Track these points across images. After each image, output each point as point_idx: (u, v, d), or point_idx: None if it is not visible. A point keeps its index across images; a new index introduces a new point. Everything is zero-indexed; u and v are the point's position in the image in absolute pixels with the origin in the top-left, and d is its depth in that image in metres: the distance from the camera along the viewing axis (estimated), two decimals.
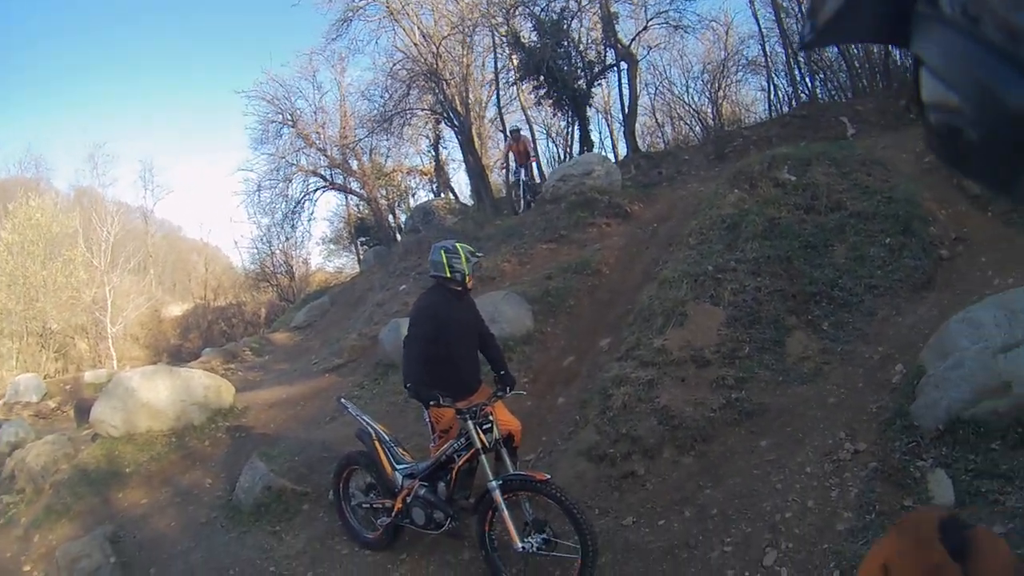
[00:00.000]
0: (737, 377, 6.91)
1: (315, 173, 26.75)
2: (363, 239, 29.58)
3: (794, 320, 7.51)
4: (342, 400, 7.30)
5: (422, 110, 24.24)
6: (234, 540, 7.80)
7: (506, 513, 5.41)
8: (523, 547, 5.41)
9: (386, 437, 6.52)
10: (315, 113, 26.12)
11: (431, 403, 5.64)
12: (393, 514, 6.37)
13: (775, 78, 21.97)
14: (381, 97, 23.82)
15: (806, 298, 7.73)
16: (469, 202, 24.94)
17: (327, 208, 58.61)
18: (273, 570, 7.13)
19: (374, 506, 6.71)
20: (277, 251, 31.83)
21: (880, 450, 5.35)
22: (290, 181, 26.68)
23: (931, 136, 0.66)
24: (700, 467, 6.17)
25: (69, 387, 19.08)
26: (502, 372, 6.27)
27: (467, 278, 6.12)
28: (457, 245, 6.14)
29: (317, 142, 25.94)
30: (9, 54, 65.63)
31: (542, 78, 20.28)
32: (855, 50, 18.78)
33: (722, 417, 6.52)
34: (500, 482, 5.48)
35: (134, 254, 33.43)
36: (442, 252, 6.10)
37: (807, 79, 20.92)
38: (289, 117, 25.42)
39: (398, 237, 25.53)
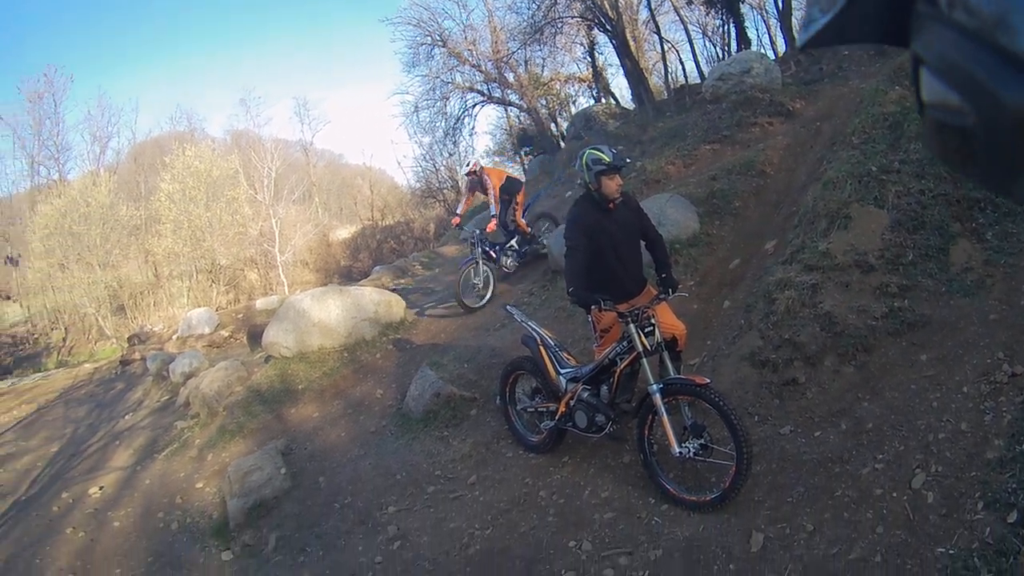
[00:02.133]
0: (900, 285, 6.73)
1: (472, 89, 26.99)
2: (526, 149, 29.68)
3: (958, 227, 7.20)
4: (508, 308, 7.52)
5: (572, 18, 23.84)
6: (403, 447, 8.23)
7: (665, 417, 5.48)
8: (680, 452, 5.48)
9: (551, 342, 6.66)
10: (464, 31, 26.33)
11: (592, 307, 5.70)
12: (556, 417, 6.54)
13: None
14: (528, 8, 23.76)
15: (970, 204, 7.36)
16: (630, 106, 24.53)
17: (487, 122, 58.60)
18: (439, 473, 7.47)
19: (538, 410, 6.90)
20: (441, 168, 32.40)
21: None
22: (447, 99, 27.04)
23: (931, 136, 0.68)
24: (860, 378, 6.07)
25: (241, 316, 20.02)
26: (664, 275, 6.18)
27: (604, 182, 5.99)
28: (596, 149, 6.04)
29: (470, 59, 26.16)
30: (151, 14, 68.08)
31: None
32: None
33: (884, 327, 6.37)
34: (661, 386, 5.53)
35: (297, 185, 34.59)
36: (581, 159, 6.06)
37: None
38: (439, 38, 25.77)
39: (561, 145, 25.53)
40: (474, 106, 27.61)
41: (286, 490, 8.14)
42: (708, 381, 5.41)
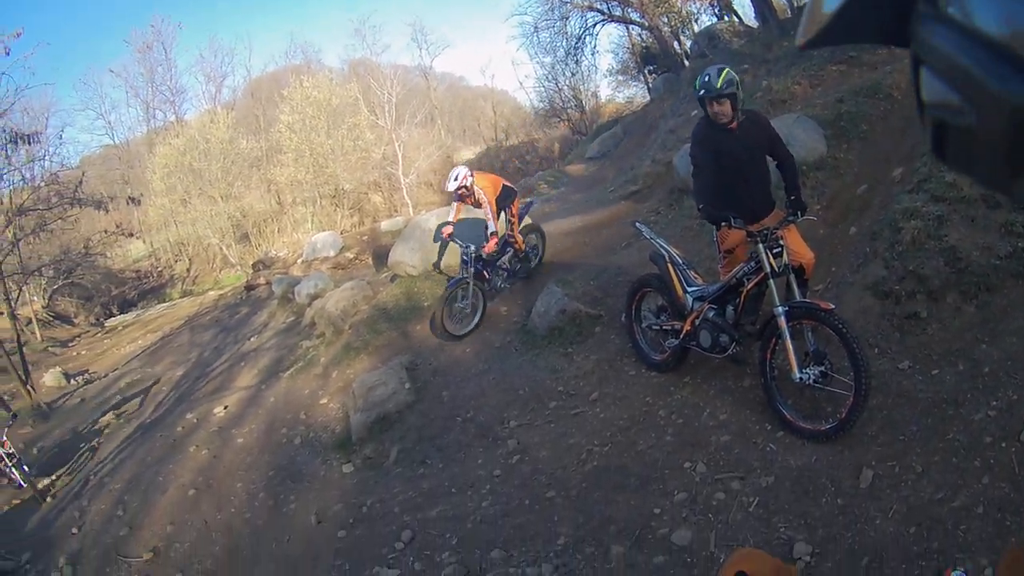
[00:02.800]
0: None
1: (591, 8, 26.70)
2: (650, 67, 29.32)
3: None
4: (637, 224, 7.49)
5: None
6: (526, 362, 8.35)
7: (789, 341, 5.48)
8: (801, 377, 5.48)
9: (679, 260, 6.63)
10: None
11: (722, 224, 5.72)
12: (681, 336, 6.57)
13: None
14: None
15: None
16: (753, 24, 23.97)
17: (609, 40, 57.70)
18: (561, 389, 7.59)
19: (663, 328, 6.92)
20: (564, 87, 32.38)
21: None
22: (567, 19, 26.91)
23: (931, 136, 0.67)
24: (980, 318, 5.91)
25: (366, 238, 20.27)
26: (793, 197, 6.08)
27: (708, 107, 5.92)
28: (705, 74, 5.90)
29: None
30: None
31: None
32: None
33: (1007, 267, 6.14)
34: (786, 308, 5.51)
35: (419, 109, 34.81)
36: (696, 81, 5.98)
37: None
38: None
39: (685, 63, 25.14)
40: (594, 25, 27.50)
41: (409, 404, 8.39)
42: (833, 307, 5.38)
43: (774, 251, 5.60)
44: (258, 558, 7.25)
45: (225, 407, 11.20)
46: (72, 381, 17.01)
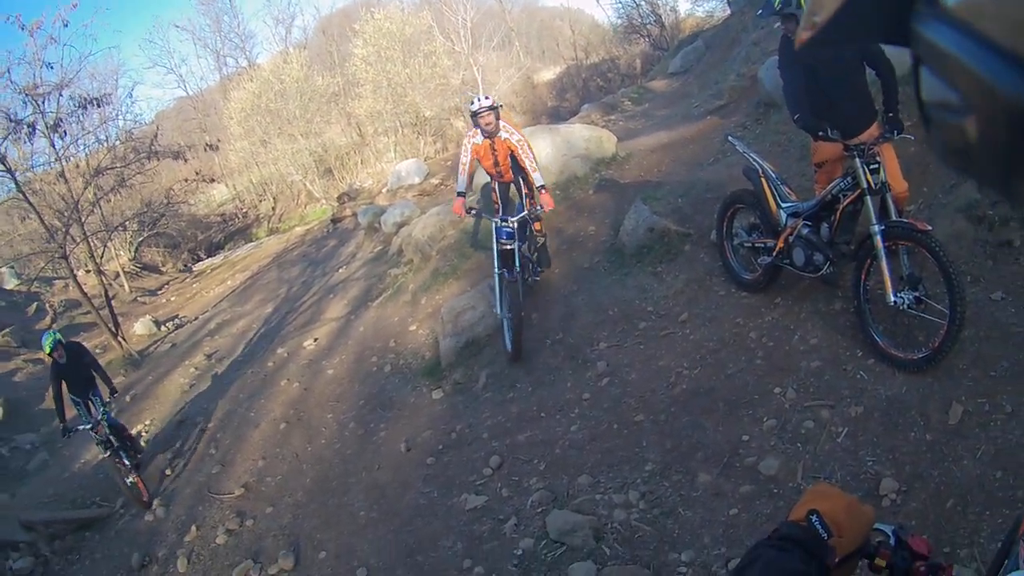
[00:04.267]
0: None
1: None
2: None
3: None
4: (730, 137, 7.30)
5: None
6: (615, 282, 8.29)
7: (884, 262, 5.28)
8: (895, 301, 5.29)
9: (773, 174, 6.45)
10: None
11: (819, 134, 5.57)
12: (774, 253, 6.39)
13: None
14: None
15: None
16: None
17: None
18: (651, 309, 7.53)
19: (756, 245, 6.76)
20: (642, 2, 31.82)
21: None
22: None
23: (931, 135, 0.67)
24: None
25: (450, 163, 20.17)
26: (890, 113, 5.79)
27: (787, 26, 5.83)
28: None
29: None
30: None
31: None
32: None
33: None
34: (883, 227, 5.29)
35: (495, 32, 34.61)
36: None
37: None
38: None
39: None
40: None
41: (496, 326, 8.37)
42: (931, 228, 5.19)
43: (871, 167, 5.41)
44: (348, 488, 7.41)
45: (315, 340, 11.50)
46: (163, 328, 17.61)
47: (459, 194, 8.36)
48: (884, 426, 4.93)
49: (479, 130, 8.23)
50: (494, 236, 7.98)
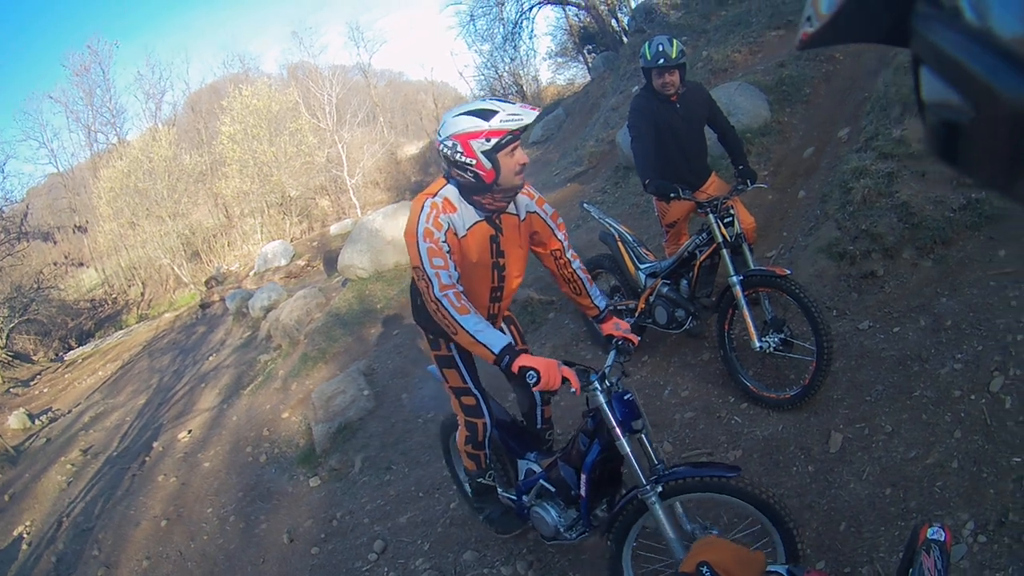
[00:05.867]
0: None
1: None
2: (589, 47, 29.51)
3: None
4: (585, 205, 7.33)
5: None
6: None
7: (746, 310, 5.37)
8: (761, 346, 5.40)
9: (629, 237, 6.55)
10: None
11: (672, 195, 5.58)
12: (636, 314, 6.42)
13: None
14: None
15: None
16: None
17: (547, 23, 57.93)
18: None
19: (617, 308, 6.75)
20: (504, 74, 32.39)
21: None
22: (503, 4, 26.82)
23: (931, 135, 0.68)
24: (938, 273, 5.96)
25: (316, 243, 20.39)
26: (741, 166, 6.01)
27: (653, 78, 5.86)
28: (649, 43, 5.83)
29: None
30: None
31: None
32: None
33: (962, 219, 6.21)
34: (741, 277, 5.41)
35: (360, 108, 34.87)
36: (647, 51, 5.86)
37: None
38: None
39: (624, 40, 25.24)
40: (531, 8, 27.48)
41: (370, 410, 8.28)
42: (789, 272, 5.31)
43: (725, 220, 5.54)
44: None
45: (189, 431, 11.13)
46: (36, 421, 16.89)
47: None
48: (765, 465, 5.00)
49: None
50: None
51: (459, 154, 3.50)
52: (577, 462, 3.88)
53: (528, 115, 3.46)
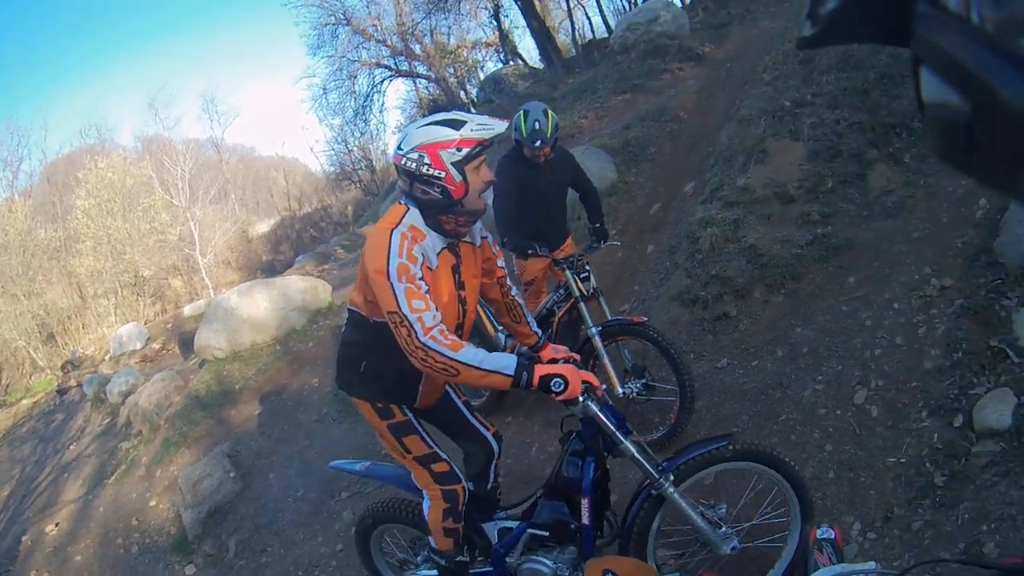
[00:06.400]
0: (822, 212, 6.88)
1: (379, 64, 26.80)
2: None
3: (875, 153, 7.36)
4: None
5: None
6: (346, 430, 8.20)
7: (607, 360, 5.43)
8: (624, 393, 5.46)
9: None
10: (368, 6, 25.91)
11: (529, 253, 5.60)
12: None
13: None
14: None
15: (886, 130, 7.51)
16: (539, 66, 24.61)
17: (397, 97, 58.01)
18: (385, 452, 7.30)
19: None
20: (354, 148, 32.19)
21: (965, 287, 5.29)
22: (355, 77, 26.90)
23: (932, 135, 0.67)
24: (790, 306, 6.25)
25: (170, 326, 19.81)
26: (597, 225, 6.17)
27: (524, 149, 5.87)
28: (524, 115, 5.79)
29: (375, 34, 25.86)
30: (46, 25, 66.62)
31: None
32: None
33: (809, 254, 6.54)
34: (599, 328, 5.49)
35: (212, 184, 34.00)
36: (523, 126, 5.83)
37: None
38: (342, 16, 25.39)
39: (472, 111, 25.59)
40: (382, 82, 27.52)
41: (238, 492, 8.04)
42: (645, 319, 5.46)
43: (582, 276, 5.65)
44: None
45: (56, 524, 10.49)
46: None
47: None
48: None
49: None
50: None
51: (426, 166, 3.18)
52: (569, 490, 3.71)
53: (499, 125, 3.24)
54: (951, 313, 5.12)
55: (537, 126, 5.68)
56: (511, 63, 26.09)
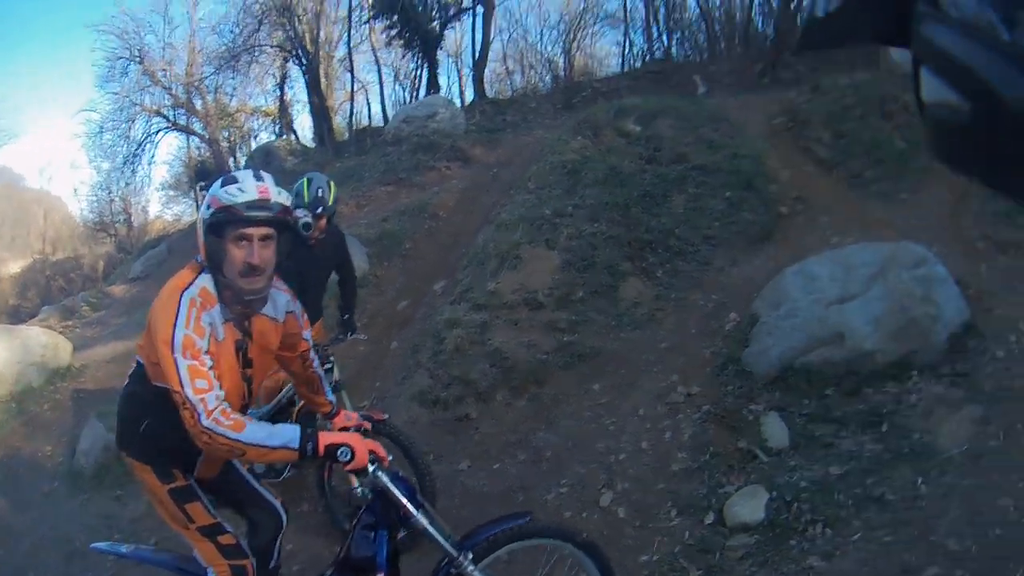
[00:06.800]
0: (570, 320, 6.98)
1: (158, 113, 25.48)
2: (202, 184, 28.51)
3: (629, 266, 7.63)
4: None
5: (272, 47, 23.47)
6: (78, 508, 7.44)
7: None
8: (361, 492, 5.18)
9: None
10: (163, 49, 24.59)
11: None
12: None
13: (631, 33, 22.32)
14: (231, 32, 23.17)
15: (642, 245, 7.84)
16: (311, 144, 24.43)
17: (168, 151, 55.64)
18: (119, 537, 6.60)
19: None
20: (116, 198, 30.46)
21: (713, 394, 5.47)
22: (133, 122, 25.39)
23: (931, 135, 0.67)
24: (533, 410, 6.22)
25: None
26: (347, 316, 6.00)
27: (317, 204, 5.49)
28: (307, 182, 5.51)
29: (163, 80, 24.56)
30: None
31: (395, 17, 20.11)
32: (716, 12, 19.36)
33: (555, 360, 6.58)
34: None
35: None
36: (305, 192, 5.51)
37: (664, 36, 21.25)
38: (137, 53, 23.84)
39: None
40: (157, 132, 26.22)
41: None
42: (387, 416, 5.18)
43: (325, 367, 5.09)
44: None
45: None
46: None
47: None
48: None
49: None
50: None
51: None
52: (362, 567, 3.38)
53: (251, 194, 2.86)
54: (697, 418, 5.25)
55: (320, 193, 5.37)
56: (284, 137, 25.72)
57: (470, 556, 3.24)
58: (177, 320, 2.77)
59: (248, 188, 2.83)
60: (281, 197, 2.95)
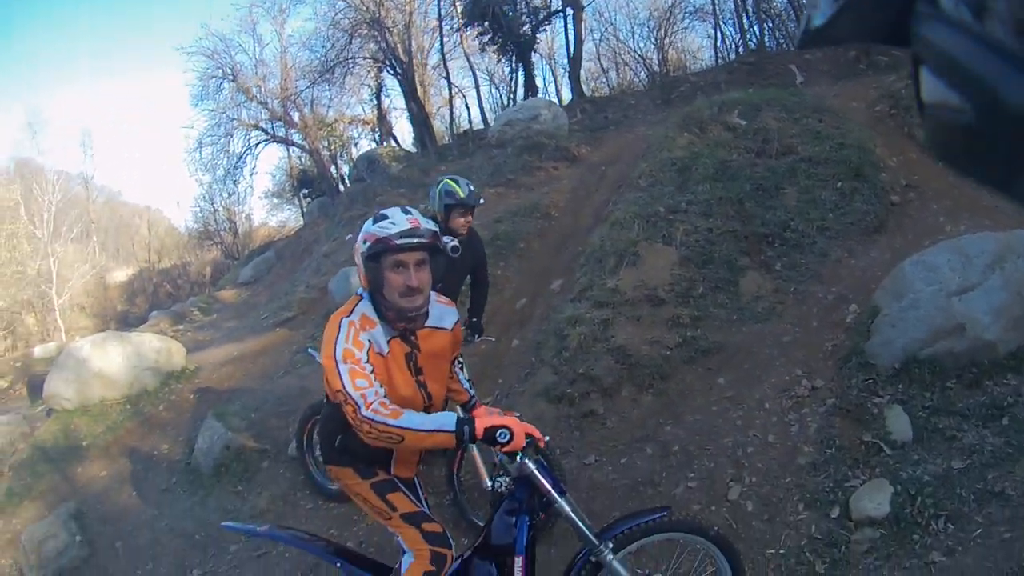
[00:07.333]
0: (692, 316, 6.97)
1: (256, 127, 26.16)
2: (306, 191, 29.17)
3: (747, 261, 7.60)
4: (309, 350, 7.17)
5: (364, 59, 23.71)
6: (196, 504, 7.69)
7: (476, 452, 5.38)
8: (492, 486, 5.32)
9: None
10: (255, 66, 25.41)
11: None
12: None
13: (722, 25, 22.01)
14: (323, 47, 23.53)
15: (758, 239, 7.79)
16: (412, 149, 24.70)
17: (269, 162, 57.10)
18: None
19: None
20: (220, 208, 31.34)
21: (837, 387, 5.47)
22: (231, 136, 26.12)
23: (931, 135, 0.68)
24: (659, 405, 6.23)
25: (19, 364, 18.62)
26: (475, 319, 6.16)
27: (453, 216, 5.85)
28: (453, 180, 5.87)
29: (258, 95, 25.25)
30: None
31: (487, 24, 20.29)
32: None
33: (678, 355, 6.58)
34: None
35: (76, 222, 32.46)
36: (436, 187, 5.94)
37: (755, 27, 20.97)
38: (229, 71, 24.76)
39: (341, 187, 25.43)
40: (257, 144, 26.85)
41: (84, 558, 7.42)
42: (548, 439, 5.29)
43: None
44: None
45: None
46: None
47: None
48: None
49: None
50: None
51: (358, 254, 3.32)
52: (501, 551, 3.60)
53: (400, 225, 3.19)
54: (823, 412, 5.25)
55: (472, 188, 5.73)
56: (385, 144, 26.05)
57: (611, 546, 3.40)
58: (338, 338, 3.18)
59: (399, 221, 3.18)
60: (429, 225, 3.25)
